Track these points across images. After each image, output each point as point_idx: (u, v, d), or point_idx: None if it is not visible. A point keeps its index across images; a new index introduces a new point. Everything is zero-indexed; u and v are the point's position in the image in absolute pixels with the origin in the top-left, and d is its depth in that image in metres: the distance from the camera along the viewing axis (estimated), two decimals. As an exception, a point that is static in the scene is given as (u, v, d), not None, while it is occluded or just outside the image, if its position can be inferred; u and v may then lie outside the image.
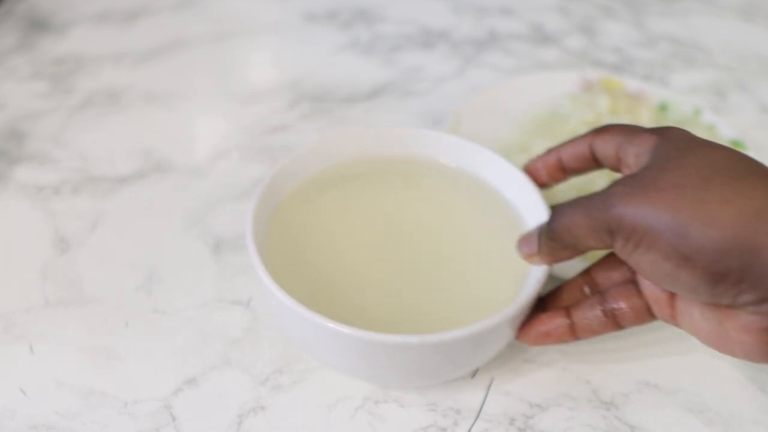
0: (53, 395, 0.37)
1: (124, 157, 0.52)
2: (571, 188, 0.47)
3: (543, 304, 0.37)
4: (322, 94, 0.59)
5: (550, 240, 0.34)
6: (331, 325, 0.32)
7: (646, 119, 0.53)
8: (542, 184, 0.40)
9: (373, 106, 0.58)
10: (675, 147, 0.32)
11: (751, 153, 0.51)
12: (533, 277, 0.36)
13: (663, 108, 0.55)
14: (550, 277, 0.37)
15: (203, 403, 0.37)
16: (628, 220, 0.30)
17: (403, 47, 0.65)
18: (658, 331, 0.41)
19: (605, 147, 0.36)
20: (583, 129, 0.52)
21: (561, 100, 0.55)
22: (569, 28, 0.69)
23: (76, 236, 0.46)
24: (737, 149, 0.32)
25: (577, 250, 0.34)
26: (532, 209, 0.39)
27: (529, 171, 0.40)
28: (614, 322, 0.35)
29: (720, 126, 0.52)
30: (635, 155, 0.34)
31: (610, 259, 0.37)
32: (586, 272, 0.37)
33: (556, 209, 0.34)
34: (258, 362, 0.39)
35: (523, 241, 0.36)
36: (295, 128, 0.56)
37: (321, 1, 0.71)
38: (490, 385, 0.38)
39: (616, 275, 0.36)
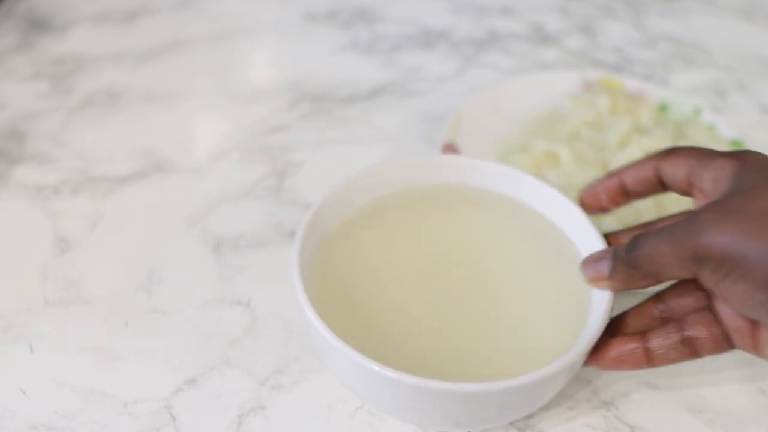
0: (53, 395, 0.37)
1: (124, 157, 0.52)
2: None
3: (610, 328, 0.35)
4: (322, 94, 0.59)
5: (630, 268, 0.33)
6: (404, 378, 0.31)
7: (646, 119, 0.53)
8: (603, 209, 0.38)
9: (373, 106, 0.58)
10: (759, 171, 0.31)
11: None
12: (598, 306, 0.35)
13: (663, 108, 0.54)
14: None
15: (203, 403, 0.37)
16: (718, 249, 0.29)
17: (403, 47, 0.65)
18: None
19: (674, 171, 0.34)
20: (583, 129, 0.52)
21: (561, 100, 0.55)
22: (569, 28, 0.69)
23: (76, 236, 0.46)
24: None
25: (657, 280, 0.32)
26: (582, 236, 0.38)
27: (589, 196, 0.38)
28: (692, 351, 0.34)
29: (720, 126, 0.52)
30: (713, 180, 0.32)
31: (684, 285, 0.35)
32: (658, 297, 0.36)
33: (637, 237, 0.33)
34: (258, 362, 0.39)
35: (591, 263, 0.35)
36: (295, 128, 0.55)
37: (321, 1, 0.71)
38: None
39: (690, 301, 0.35)
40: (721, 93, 0.62)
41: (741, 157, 0.32)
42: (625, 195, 0.37)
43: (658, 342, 0.34)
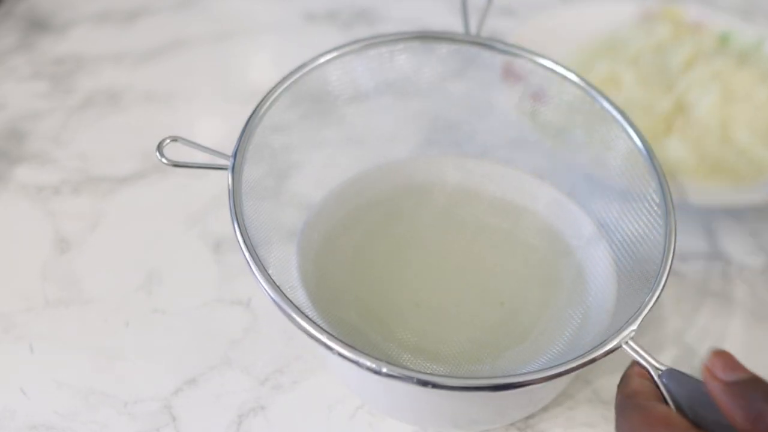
0: (53, 395, 0.37)
1: (124, 157, 0.52)
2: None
3: None
4: (322, 94, 0.59)
5: None
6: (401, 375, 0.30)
7: (708, 48, 0.52)
8: None
9: (373, 106, 0.58)
10: None
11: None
12: (599, 307, 0.35)
13: (724, 38, 0.53)
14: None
15: (203, 403, 0.37)
16: None
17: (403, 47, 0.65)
18: (658, 330, 0.41)
19: None
20: (645, 53, 0.50)
21: (619, 30, 0.54)
22: (569, 28, 0.69)
23: (76, 236, 0.46)
24: None
25: None
26: (581, 236, 0.39)
27: None
28: None
29: None
30: None
31: None
32: None
33: None
34: (258, 362, 0.39)
35: None
36: (295, 128, 0.55)
37: (321, 1, 0.71)
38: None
39: None
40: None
41: None
42: None
43: None
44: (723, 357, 0.28)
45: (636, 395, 0.29)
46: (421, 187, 0.43)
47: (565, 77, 0.40)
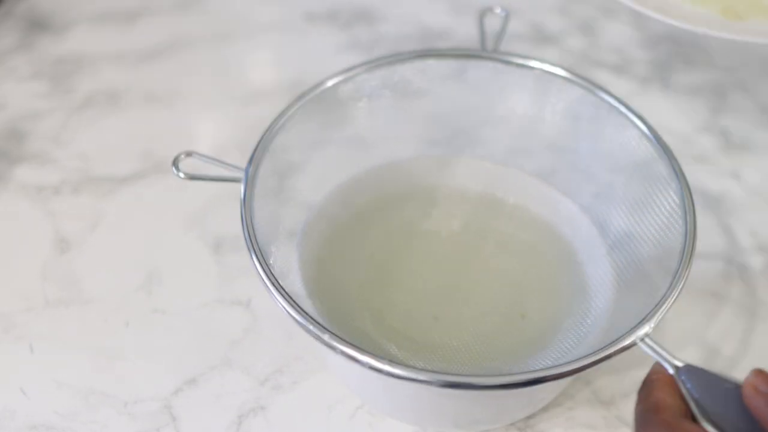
0: (53, 395, 0.37)
1: (124, 157, 0.52)
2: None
3: None
4: (326, 94, 0.59)
5: None
6: (401, 372, 0.29)
7: None
8: None
9: (374, 107, 0.58)
10: None
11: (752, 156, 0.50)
12: (599, 306, 0.35)
13: None
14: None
15: (203, 403, 0.37)
16: None
17: (403, 47, 0.65)
18: (658, 330, 0.41)
19: None
20: None
21: None
22: (569, 28, 0.69)
23: (76, 236, 0.46)
24: None
25: None
26: (581, 236, 0.39)
27: None
28: None
29: None
30: None
31: None
32: None
33: None
34: (258, 362, 0.39)
35: None
36: (296, 128, 0.55)
37: (321, 1, 0.71)
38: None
39: None
40: (721, 93, 0.62)
41: None
42: None
43: None
44: (765, 374, 0.28)
45: (661, 410, 0.28)
46: (423, 188, 0.43)
47: (588, 83, 0.40)
